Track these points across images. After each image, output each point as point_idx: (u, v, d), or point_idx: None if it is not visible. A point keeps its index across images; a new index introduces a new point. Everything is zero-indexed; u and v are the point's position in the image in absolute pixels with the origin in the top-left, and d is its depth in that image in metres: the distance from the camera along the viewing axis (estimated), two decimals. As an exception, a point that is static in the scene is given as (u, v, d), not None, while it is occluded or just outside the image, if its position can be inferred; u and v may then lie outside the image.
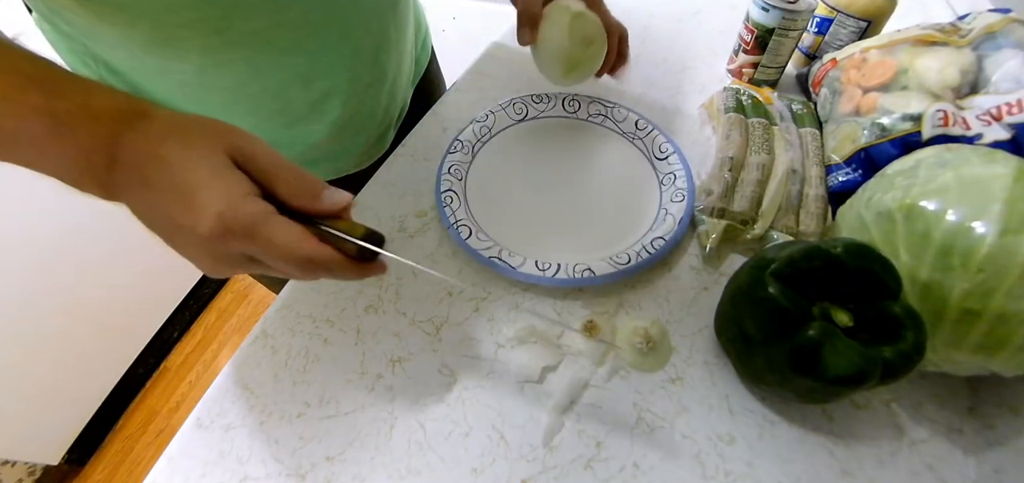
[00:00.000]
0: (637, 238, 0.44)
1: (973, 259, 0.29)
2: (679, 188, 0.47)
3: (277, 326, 0.41)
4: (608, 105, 0.55)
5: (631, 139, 0.53)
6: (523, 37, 0.48)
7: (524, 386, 0.37)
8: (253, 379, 0.38)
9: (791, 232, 0.43)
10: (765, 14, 0.53)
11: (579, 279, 0.40)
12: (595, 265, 0.41)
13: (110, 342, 1.32)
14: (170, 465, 0.35)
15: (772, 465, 0.33)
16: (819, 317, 0.30)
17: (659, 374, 0.37)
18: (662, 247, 0.42)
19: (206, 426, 0.36)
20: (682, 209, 0.45)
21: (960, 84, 0.43)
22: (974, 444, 0.34)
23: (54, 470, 1.24)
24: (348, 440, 0.35)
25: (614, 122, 0.55)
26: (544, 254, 0.43)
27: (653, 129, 0.52)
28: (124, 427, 1.36)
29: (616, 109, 0.55)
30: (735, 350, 0.36)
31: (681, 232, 0.43)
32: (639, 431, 0.35)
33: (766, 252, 0.33)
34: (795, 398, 0.34)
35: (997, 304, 0.28)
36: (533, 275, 0.40)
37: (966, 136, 0.40)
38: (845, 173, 0.45)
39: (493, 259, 0.41)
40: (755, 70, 0.58)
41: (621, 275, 0.40)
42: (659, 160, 0.51)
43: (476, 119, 0.54)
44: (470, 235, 0.43)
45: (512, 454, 0.34)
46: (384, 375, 0.38)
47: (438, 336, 0.40)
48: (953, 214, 0.30)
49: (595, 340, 0.38)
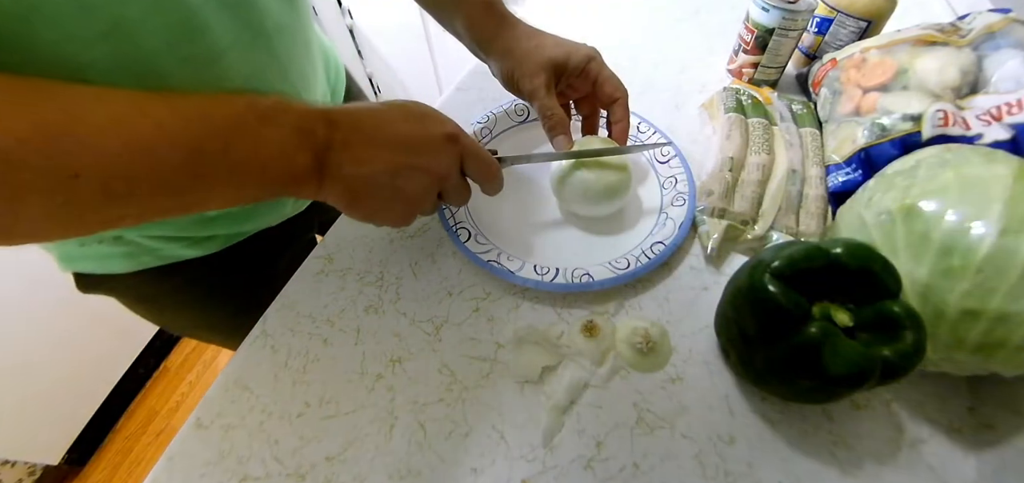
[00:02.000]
0: (637, 242, 0.44)
1: (973, 259, 0.29)
2: (680, 192, 0.47)
3: (277, 326, 0.41)
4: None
5: (632, 141, 0.53)
6: (560, 144, 0.44)
7: (524, 386, 0.37)
8: (253, 379, 0.38)
9: (791, 232, 0.43)
10: (765, 14, 0.53)
11: (578, 284, 0.40)
12: (594, 270, 0.41)
13: (110, 342, 1.32)
14: (170, 465, 0.35)
15: (772, 465, 0.33)
16: (819, 317, 0.30)
17: (659, 374, 0.37)
18: (662, 252, 0.42)
19: (206, 426, 0.36)
20: (683, 213, 0.45)
21: (960, 84, 0.43)
22: (974, 444, 0.34)
23: (54, 470, 1.24)
24: (348, 440, 0.35)
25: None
26: (543, 258, 0.43)
27: (655, 131, 0.52)
28: (124, 427, 1.36)
29: (616, 109, 0.55)
30: (735, 350, 0.36)
31: (681, 237, 0.43)
32: (639, 431, 0.35)
33: (766, 252, 0.33)
34: (795, 398, 0.34)
35: (997, 304, 0.28)
36: (532, 279, 0.40)
37: (966, 136, 0.40)
38: (845, 173, 0.44)
39: (492, 263, 0.41)
40: (755, 70, 0.58)
41: (620, 280, 0.40)
42: (660, 163, 0.50)
43: (476, 121, 0.54)
44: (469, 238, 0.43)
45: (512, 454, 0.34)
46: (384, 375, 0.38)
47: (438, 336, 0.40)
48: (953, 214, 0.30)
49: (595, 340, 0.38)
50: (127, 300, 0.49)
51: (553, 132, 0.44)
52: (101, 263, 0.44)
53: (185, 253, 0.45)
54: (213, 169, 0.27)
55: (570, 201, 0.45)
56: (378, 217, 0.35)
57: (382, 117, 0.33)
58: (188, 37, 0.31)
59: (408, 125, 0.34)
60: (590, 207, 0.45)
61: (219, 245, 0.46)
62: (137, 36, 0.28)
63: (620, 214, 0.47)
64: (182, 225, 0.43)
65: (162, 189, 0.26)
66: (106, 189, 0.24)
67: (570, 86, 0.47)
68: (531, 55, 0.44)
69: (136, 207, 0.26)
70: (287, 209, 0.50)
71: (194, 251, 0.45)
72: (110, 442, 1.34)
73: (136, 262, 0.44)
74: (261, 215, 0.48)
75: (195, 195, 0.27)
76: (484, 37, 0.46)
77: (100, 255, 0.43)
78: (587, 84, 0.47)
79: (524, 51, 0.45)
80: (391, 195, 0.33)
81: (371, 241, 0.46)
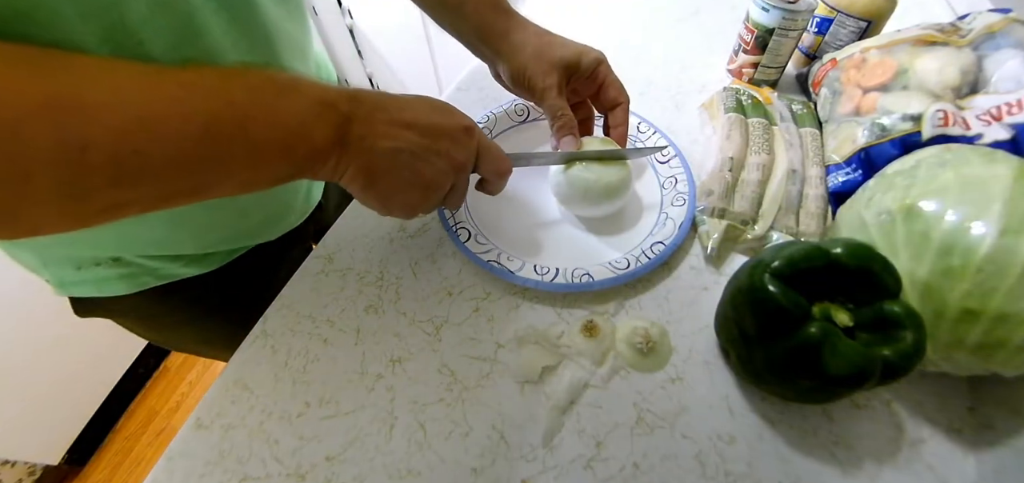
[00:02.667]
0: (637, 242, 0.44)
1: (973, 259, 0.29)
2: (680, 192, 0.47)
3: (277, 326, 0.41)
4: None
5: (632, 141, 0.53)
6: (567, 144, 0.44)
7: (524, 386, 0.37)
8: (253, 379, 0.38)
9: (791, 232, 0.43)
10: (765, 14, 0.53)
11: (578, 284, 0.40)
12: (594, 270, 0.41)
13: (110, 342, 1.32)
14: (170, 465, 0.35)
15: (772, 465, 0.33)
16: (819, 317, 0.30)
17: (659, 374, 0.37)
18: (662, 252, 0.42)
19: (206, 426, 0.36)
20: (683, 213, 0.45)
21: (960, 84, 0.43)
22: (974, 444, 0.34)
23: (54, 470, 1.24)
24: (348, 440, 0.35)
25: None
26: (543, 258, 0.43)
27: (655, 132, 0.52)
28: (124, 427, 1.36)
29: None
30: (735, 350, 0.36)
31: (681, 237, 0.43)
32: (639, 431, 0.35)
33: (766, 252, 0.33)
34: (795, 398, 0.34)
35: (997, 304, 0.28)
36: (532, 279, 0.40)
37: (966, 136, 0.40)
38: (845, 173, 0.44)
39: (492, 263, 0.41)
40: (755, 70, 0.58)
41: (620, 280, 0.40)
42: (660, 163, 0.50)
43: (477, 121, 0.54)
44: (469, 238, 0.43)
45: (512, 454, 0.34)
46: (384, 375, 0.38)
47: (438, 336, 0.40)
48: (953, 214, 0.30)
49: (595, 340, 0.38)
50: (125, 321, 0.49)
51: (561, 132, 0.44)
52: (98, 286, 0.43)
53: (184, 272, 0.45)
54: (229, 144, 0.26)
55: (570, 201, 0.45)
56: (393, 200, 0.34)
57: (405, 101, 0.34)
58: (188, 40, 0.31)
59: (431, 112, 0.34)
60: (590, 207, 0.45)
61: (218, 262, 0.46)
62: (136, 39, 0.28)
63: (620, 214, 0.47)
64: (180, 242, 0.42)
65: (175, 166, 0.24)
66: (116, 163, 0.22)
67: (574, 90, 0.47)
68: (544, 53, 0.44)
69: (147, 187, 0.24)
70: (286, 222, 0.50)
71: (192, 269, 0.45)
72: (110, 442, 1.34)
73: (135, 283, 0.43)
74: (259, 230, 0.48)
75: (210, 174, 0.26)
76: (493, 34, 0.46)
77: (97, 278, 0.42)
78: (593, 87, 0.47)
79: (536, 49, 0.44)
80: (410, 177, 0.33)
81: (371, 241, 0.46)
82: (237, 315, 0.44)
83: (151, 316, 0.49)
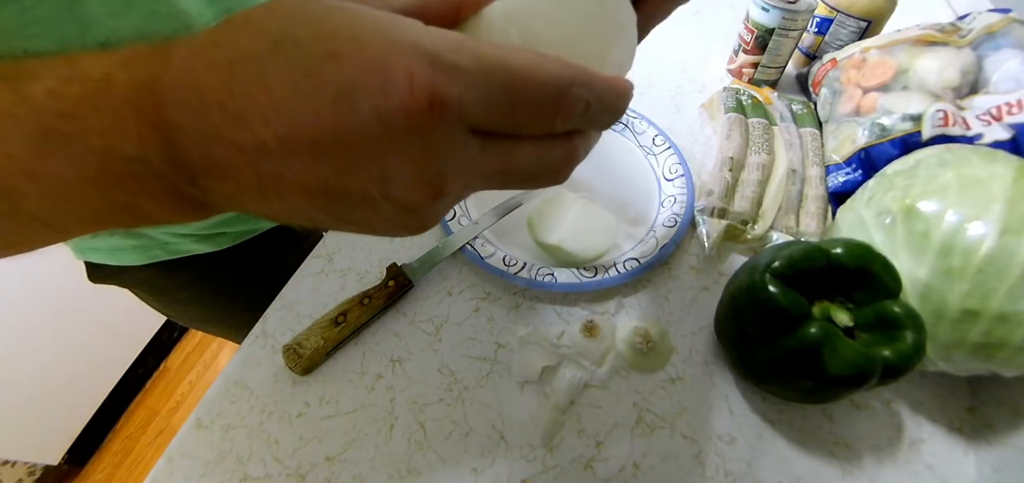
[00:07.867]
0: (637, 242, 0.44)
1: (973, 259, 0.29)
2: (680, 191, 0.47)
3: (277, 326, 0.41)
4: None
5: (630, 138, 0.53)
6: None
7: (524, 386, 0.37)
8: (253, 379, 0.38)
9: (791, 232, 0.43)
10: (765, 14, 0.53)
11: (578, 284, 0.40)
12: (594, 270, 0.41)
13: (110, 342, 1.32)
14: (170, 465, 0.35)
15: (772, 465, 0.33)
16: (819, 317, 0.30)
17: (659, 374, 0.37)
18: (662, 252, 0.42)
19: (206, 426, 0.36)
20: (682, 212, 0.45)
21: (960, 84, 0.43)
22: (974, 444, 0.34)
23: (54, 470, 1.24)
24: (348, 440, 0.35)
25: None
26: (543, 258, 0.43)
27: (656, 132, 0.52)
28: (124, 427, 1.36)
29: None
30: (735, 350, 0.36)
31: (680, 235, 0.43)
32: (639, 431, 0.35)
33: (766, 252, 0.33)
34: (795, 398, 0.34)
35: (997, 304, 0.28)
36: (532, 279, 0.40)
37: (966, 136, 0.40)
38: (845, 173, 0.45)
39: (492, 263, 0.41)
40: (755, 70, 0.58)
41: (620, 280, 0.40)
42: (657, 155, 0.50)
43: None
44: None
45: (512, 454, 0.34)
46: (384, 375, 0.38)
47: (438, 336, 0.40)
48: (953, 214, 0.30)
49: (595, 340, 0.38)
50: (137, 291, 0.51)
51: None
52: (113, 255, 0.44)
53: (196, 248, 0.46)
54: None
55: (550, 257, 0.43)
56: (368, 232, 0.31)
57: (250, 77, 0.17)
58: None
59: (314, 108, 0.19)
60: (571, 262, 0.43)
61: (227, 242, 0.47)
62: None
63: (619, 213, 0.47)
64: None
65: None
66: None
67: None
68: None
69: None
70: None
71: (204, 246, 0.46)
72: (110, 442, 1.34)
73: (147, 255, 0.45)
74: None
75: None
76: None
77: (111, 247, 0.44)
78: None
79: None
80: (357, 220, 0.21)
81: (371, 241, 0.46)
82: (247, 296, 0.45)
83: (162, 289, 0.50)
